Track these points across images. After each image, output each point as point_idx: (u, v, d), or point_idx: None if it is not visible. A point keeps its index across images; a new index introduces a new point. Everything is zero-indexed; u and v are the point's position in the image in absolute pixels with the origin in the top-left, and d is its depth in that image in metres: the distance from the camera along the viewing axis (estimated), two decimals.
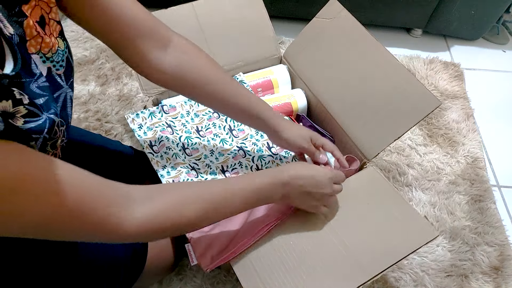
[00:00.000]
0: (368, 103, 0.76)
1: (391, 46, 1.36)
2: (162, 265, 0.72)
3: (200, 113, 0.83)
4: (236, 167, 0.75)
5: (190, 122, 0.81)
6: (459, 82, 1.27)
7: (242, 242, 0.60)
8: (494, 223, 0.93)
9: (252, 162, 0.76)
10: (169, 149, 0.75)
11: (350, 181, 0.70)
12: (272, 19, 0.90)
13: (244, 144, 0.79)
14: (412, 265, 0.84)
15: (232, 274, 0.78)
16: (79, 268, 0.59)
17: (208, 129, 0.80)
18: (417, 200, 0.96)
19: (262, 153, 0.78)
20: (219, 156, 0.76)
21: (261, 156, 0.77)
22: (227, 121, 0.82)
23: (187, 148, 0.76)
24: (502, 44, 1.48)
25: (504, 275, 0.85)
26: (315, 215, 0.64)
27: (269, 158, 0.78)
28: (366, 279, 0.57)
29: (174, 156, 0.74)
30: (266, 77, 0.91)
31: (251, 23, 0.90)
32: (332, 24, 0.83)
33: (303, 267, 0.58)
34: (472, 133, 1.12)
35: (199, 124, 0.81)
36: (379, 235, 0.62)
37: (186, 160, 0.74)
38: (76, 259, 0.59)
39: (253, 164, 0.76)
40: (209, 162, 0.75)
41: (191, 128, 0.80)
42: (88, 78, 1.14)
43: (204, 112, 0.83)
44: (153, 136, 0.76)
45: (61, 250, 0.58)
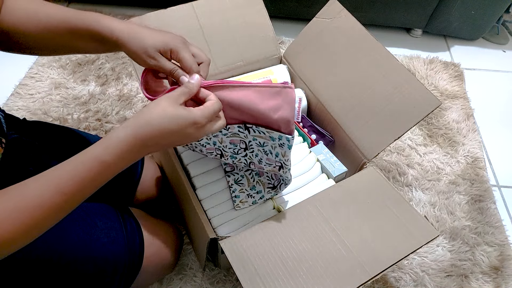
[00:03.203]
0: (368, 103, 0.76)
1: (391, 46, 1.36)
2: (161, 264, 0.72)
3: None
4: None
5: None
6: (459, 82, 1.27)
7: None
8: (494, 223, 0.93)
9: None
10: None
11: (350, 181, 0.70)
12: (272, 19, 0.90)
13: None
14: (412, 265, 0.84)
15: (232, 273, 0.78)
16: (75, 267, 0.59)
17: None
18: (417, 200, 0.96)
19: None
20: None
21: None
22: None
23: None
24: (502, 44, 1.48)
25: (504, 275, 0.85)
26: (315, 215, 0.64)
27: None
28: (366, 279, 0.57)
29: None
30: (266, 77, 0.91)
31: (251, 23, 0.90)
32: (332, 24, 0.83)
33: (303, 267, 0.58)
34: (472, 133, 1.12)
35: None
36: (379, 235, 0.62)
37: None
38: (72, 259, 0.59)
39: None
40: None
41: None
42: (88, 78, 1.14)
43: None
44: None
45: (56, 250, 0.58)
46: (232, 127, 0.58)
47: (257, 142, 0.61)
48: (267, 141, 0.59)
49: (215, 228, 0.68)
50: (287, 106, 0.53)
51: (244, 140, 0.62)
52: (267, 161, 0.64)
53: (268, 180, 0.70)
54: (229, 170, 0.73)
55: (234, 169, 0.73)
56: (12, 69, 1.15)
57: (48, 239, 0.57)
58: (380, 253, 0.60)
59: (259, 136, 0.59)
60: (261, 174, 0.71)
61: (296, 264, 0.58)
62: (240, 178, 0.72)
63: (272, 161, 0.63)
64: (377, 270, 0.57)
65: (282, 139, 0.57)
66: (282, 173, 0.64)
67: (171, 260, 0.75)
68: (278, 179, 0.68)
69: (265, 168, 0.66)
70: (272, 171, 0.66)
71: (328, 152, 0.81)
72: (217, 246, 0.64)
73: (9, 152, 0.57)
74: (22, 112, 1.05)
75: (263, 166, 0.66)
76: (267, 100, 0.53)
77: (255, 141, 0.61)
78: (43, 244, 0.56)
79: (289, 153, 0.59)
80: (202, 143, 0.63)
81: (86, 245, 0.60)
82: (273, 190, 0.70)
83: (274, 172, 0.66)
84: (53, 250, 0.57)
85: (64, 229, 0.60)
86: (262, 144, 0.60)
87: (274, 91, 0.53)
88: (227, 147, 0.64)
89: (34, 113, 1.05)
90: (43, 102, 1.07)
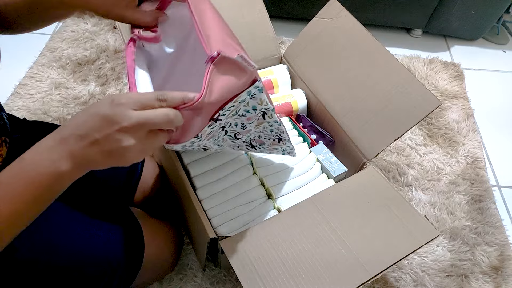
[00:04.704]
0: (368, 103, 0.76)
1: (391, 46, 1.36)
2: (161, 264, 0.72)
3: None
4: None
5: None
6: (459, 82, 1.27)
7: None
8: (494, 223, 0.93)
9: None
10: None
11: (350, 181, 0.70)
12: (272, 19, 0.90)
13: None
14: (412, 265, 0.84)
15: (232, 273, 0.78)
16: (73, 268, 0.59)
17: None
18: (417, 200, 0.96)
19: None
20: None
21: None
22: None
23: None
24: (502, 44, 1.48)
25: (504, 275, 0.85)
26: (315, 215, 0.64)
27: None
28: (366, 278, 0.57)
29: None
30: (266, 77, 0.91)
31: (251, 23, 0.90)
32: (332, 24, 0.83)
33: (303, 266, 0.58)
34: (472, 133, 1.12)
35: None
36: (379, 235, 0.62)
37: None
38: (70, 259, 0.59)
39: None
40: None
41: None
42: (88, 78, 1.14)
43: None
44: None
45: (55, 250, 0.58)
46: (203, 132, 0.51)
47: (233, 117, 0.55)
48: (238, 108, 0.53)
49: (215, 228, 0.68)
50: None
51: (220, 128, 0.56)
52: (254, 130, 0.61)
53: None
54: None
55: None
56: (12, 69, 1.15)
57: (46, 239, 0.57)
58: (380, 253, 0.60)
59: (232, 112, 0.53)
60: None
61: (296, 264, 0.58)
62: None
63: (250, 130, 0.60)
64: (377, 270, 0.57)
65: (250, 92, 0.51)
66: (283, 145, 0.64)
67: (171, 260, 0.75)
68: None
69: (265, 140, 0.65)
70: (272, 144, 0.66)
71: (328, 152, 0.81)
72: (217, 246, 0.64)
73: (11, 152, 0.57)
74: (22, 112, 1.05)
75: (262, 139, 0.64)
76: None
77: (232, 117, 0.55)
78: (41, 244, 0.56)
79: (264, 97, 0.53)
80: (179, 149, 0.60)
81: (84, 245, 0.60)
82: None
83: (274, 145, 0.66)
84: (51, 250, 0.57)
85: (63, 230, 0.60)
86: (236, 113, 0.54)
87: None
88: (207, 143, 0.58)
89: (34, 113, 1.05)
90: (43, 102, 1.07)
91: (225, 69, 0.45)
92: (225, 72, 0.46)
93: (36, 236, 0.55)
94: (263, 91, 0.53)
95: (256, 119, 0.59)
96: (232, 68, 0.46)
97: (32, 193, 0.39)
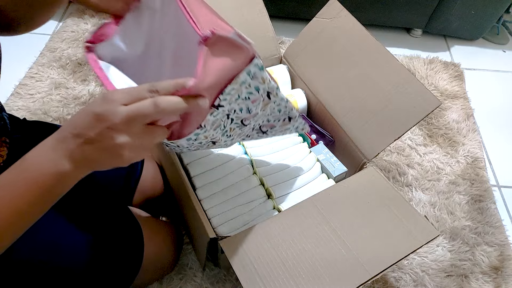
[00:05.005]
0: (368, 103, 0.76)
1: (391, 46, 1.36)
2: (161, 264, 0.72)
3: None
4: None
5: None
6: (459, 82, 1.27)
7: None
8: (494, 223, 0.93)
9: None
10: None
11: (350, 181, 0.70)
12: (272, 19, 0.90)
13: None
14: (412, 265, 0.84)
15: (232, 273, 0.78)
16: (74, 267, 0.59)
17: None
18: (417, 200, 0.96)
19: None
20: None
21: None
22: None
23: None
24: (502, 44, 1.48)
25: (504, 275, 0.85)
26: (315, 215, 0.64)
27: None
28: (366, 278, 0.57)
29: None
30: None
31: (251, 23, 0.90)
32: (332, 24, 0.83)
33: (303, 266, 0.58)
34: (472, 133, 1.12)
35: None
36: (379, 235, 0.62)
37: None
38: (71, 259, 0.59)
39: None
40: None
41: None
42: (88, 78, 1.14)
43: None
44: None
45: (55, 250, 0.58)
46: (206, 121, 0.49)
47: (236, 101, 0.51)
48: (240, 91, 0.50)
49: (215, 228, 0.68)
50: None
51: (225, 115, 0.52)
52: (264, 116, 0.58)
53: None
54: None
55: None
56: (12, 69, 1.15)
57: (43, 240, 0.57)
58: (380, 253, 0.60)
59: (233, 95, 0.49)
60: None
61: (296, 264, 0.58)
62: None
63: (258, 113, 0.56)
64: (377, 270, 0.57)
65: (250, 72, 0.48)
66: (294, 122, 0.62)
67: (171, 260, 0.75)
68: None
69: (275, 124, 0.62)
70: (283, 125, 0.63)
71: (328, 152, 0.81)
72: (217, 246, 0.64)
73: (12, 152, 0.57)
74: (22, 112, 1.05)
75: (271, 122, 0.61)
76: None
77: (235, 102, 0.51)
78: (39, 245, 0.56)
79: (266, 75, 0.50)
80: (186, 146, 0.54)
81: (84, 246, 0.60)
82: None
83: (285, 125, 0.63)
84: (50, 251, 0.57)
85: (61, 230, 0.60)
86: (239, 97, 0.51)
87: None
88: (214, 134, 0.55)
89: (34, 113, 1.05)
90: (43, 102, 1.07)
91: (220, 50, 0.42)
92: (220, 53, 0.42)
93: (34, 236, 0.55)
94: (264, 69, 0.49)
95: (261, 100, 0.55)
96: (227, 47, 0.43)
97: (34, 193, 0.39)
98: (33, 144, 0.40)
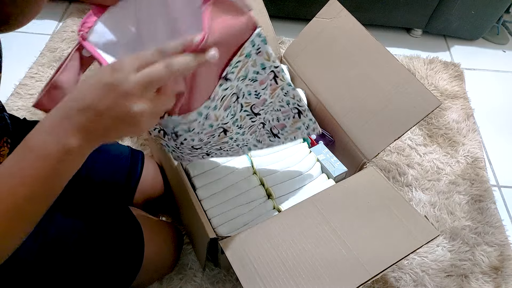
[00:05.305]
0: (368, 103, 0.76)
1: (391, 46, 1.36)
2: (161, 264, 0.72)
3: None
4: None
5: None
6: (459, 82, 1.27)
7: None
8: (494, 223, 0.93)
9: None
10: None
11: (350, 181, 0.70)
12: (272, 19, 0.90)
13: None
14: (412, 265, 0.84)
15: (232, 273, 0.78)
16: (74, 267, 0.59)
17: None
18: (417, 200, 0.96)
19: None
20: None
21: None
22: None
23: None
24: (502, 44, 1.48)
25: (504, 275, 0.85)
26: (315, 215, 0.64)
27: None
28: (366, 278, 0.57)
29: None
30: None
31: None
32: (332, 24, 0.83)
33: (303, 266, 0.58)
34: (472, 133, 1.12)
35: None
36: (379, 235, 0.62)
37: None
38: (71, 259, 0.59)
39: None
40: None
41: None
42: None
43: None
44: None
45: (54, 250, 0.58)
46: (215, 93, 0.50)
47: (244, 81, 0.53)
48: (246, 66, 0.52)
49: (215, 228, 0.68)
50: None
51: (233, 94, 0.53)
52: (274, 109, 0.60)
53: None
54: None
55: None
56: (12, 69, 1.15)
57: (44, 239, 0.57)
58: (380, 253, 0.60)
59: (240, 69, 0.51)
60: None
61: (296, 264, 0.58)
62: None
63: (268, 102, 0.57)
64: (377, 269, 0.57)
65: (255, 44, 0.49)
66: (304, 118, 0.63)
67: (171, 260, 0.75)
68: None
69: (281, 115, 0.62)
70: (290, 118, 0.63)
71: (328, 152, 0.81)
72: (217, 246, 0.64)
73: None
74: (22, 112, 1.05)
75: (280, 115, 0.62)
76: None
77: (243, 82, 0.53)
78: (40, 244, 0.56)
79: (270, 50, 0.52)
80: (198, 131, 0.53)
81: (84, 245, 0.60)
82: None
83: (295, 122, 0.64)
84: (50, 250, 0.57)
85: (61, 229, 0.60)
86: (246, 76, 0.53)
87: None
88: (225, 117, 0.56)
89: (34, 113, 1.05)
90: None
91: (222, 9, 0.43)
92: (223, 12, 0.43)
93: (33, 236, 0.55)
94: (267, 43, 0.50)
95: (269, 84, 0.56)
96: (229, 8, 0.44)
97: (40, 176, 0.37)
98: None
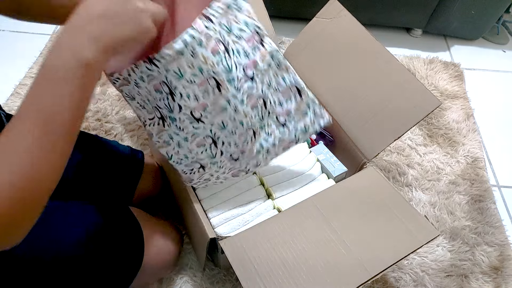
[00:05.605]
0: (368, 103, 0.76)
1: (391, 46, 1.36)
2: (161, 264, 0.72)
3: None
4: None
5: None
6: (459, 82, 1.27)
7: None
8: (494, 223, 0.93)
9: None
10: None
11: (350, 181, 0.70)
12: (272, 19, 0.90)
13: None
14: (412, 265, 0.84)
15: (232, 273, 0.78)
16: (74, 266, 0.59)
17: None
18: (417, 200, 0.96)
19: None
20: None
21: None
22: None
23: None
24: (502, 44, 1.48)
25: (504, 275, 0.85)
26: (315, 215, 0.64)
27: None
28: (366, 278, 0.57)
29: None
30: None
31: None
32: (332, 24, 0.83)
33: (303, 266, 0.58)
34: (472, 133, 1.12)
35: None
36: (379, 235, 0.62)
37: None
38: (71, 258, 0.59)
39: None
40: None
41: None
42: None
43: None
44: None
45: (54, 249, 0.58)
46: (199, 25, 0.53)
47: (230, 35, 0.58)
48: (228, 19, 0.58)
49: (215, 228, 0.68)
50: None
51: (220, 42, 0.56)
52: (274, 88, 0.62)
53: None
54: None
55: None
56: (12, 69, 1.16)
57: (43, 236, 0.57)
58: (380, 253, 0.60)
59: (222, 16, 0.57)
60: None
61: (296, 264, 0.58)
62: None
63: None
64: (377, 269, 0.57)
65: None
66: (306, 98, 0.64)
67: (171, 260, 0.75)
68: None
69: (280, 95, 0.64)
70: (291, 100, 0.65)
71: (328, 152, 0.81)
72: (217, 246, 0.64)
73: None
74: None
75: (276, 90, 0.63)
76: None
77: (229, 35, 0.58)
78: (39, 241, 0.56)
79: (248, 5, 0.61)
80: (189, 77, 0.55)
81: (84, 245, 0.60)
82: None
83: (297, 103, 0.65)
84: (50, 248, 0.57)
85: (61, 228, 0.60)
86: (230, 29, 0.59)
87: None
88: (216, 66, 0.56)
89: None
90: None
91: None
92: None
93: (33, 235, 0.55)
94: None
95: (257, 47, 0.60)
96: None
97: (66, 90, 0.38)
98: None
